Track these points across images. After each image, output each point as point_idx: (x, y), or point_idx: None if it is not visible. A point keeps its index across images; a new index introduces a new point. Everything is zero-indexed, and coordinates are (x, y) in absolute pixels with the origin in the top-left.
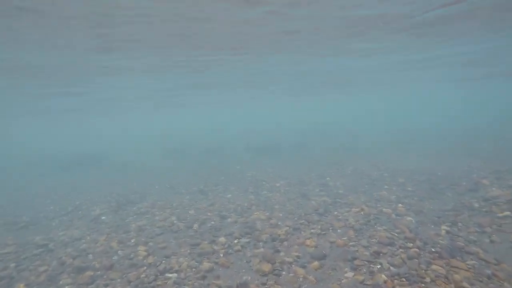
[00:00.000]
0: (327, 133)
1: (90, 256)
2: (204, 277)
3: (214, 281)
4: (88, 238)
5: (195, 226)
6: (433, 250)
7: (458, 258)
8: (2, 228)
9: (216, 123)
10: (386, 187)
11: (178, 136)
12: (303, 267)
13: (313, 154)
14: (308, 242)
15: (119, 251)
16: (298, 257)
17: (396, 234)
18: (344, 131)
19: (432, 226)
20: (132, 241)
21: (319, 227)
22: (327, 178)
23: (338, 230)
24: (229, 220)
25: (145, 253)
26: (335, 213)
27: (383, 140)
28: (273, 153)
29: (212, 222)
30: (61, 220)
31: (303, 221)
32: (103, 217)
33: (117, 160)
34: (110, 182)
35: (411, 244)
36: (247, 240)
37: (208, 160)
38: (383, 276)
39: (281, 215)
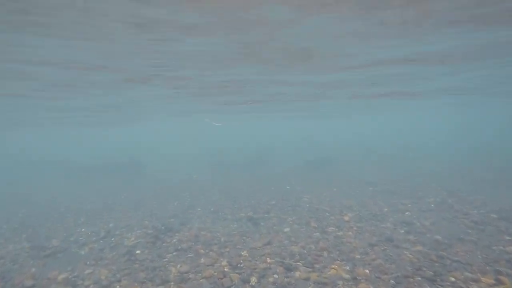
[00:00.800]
0: (385, 150)
1: None
2: None
3: None
4: (118, 287)
5: (253, 280)
6: None
7: None
8: (28, 254)
9: (255, 133)
10: (508, 238)
11: (216, 145)
12: None
13: (371, 175)
14: None
15: None
16: None
17: None
18: (400, 151)
19: None
20: None
21: None
22: (407, 213)
23: None
24: (297, 274)
25: None
26: (452, 279)
27: (453, 163)
28: (324, 168)
29: (275, 276)
30: (91, 248)
31: None
32: (138, 251)
33: (153, 171)
34: (145, 197)
35: None
36: None
37: (251, 173)
38: None
39: (367, 272)
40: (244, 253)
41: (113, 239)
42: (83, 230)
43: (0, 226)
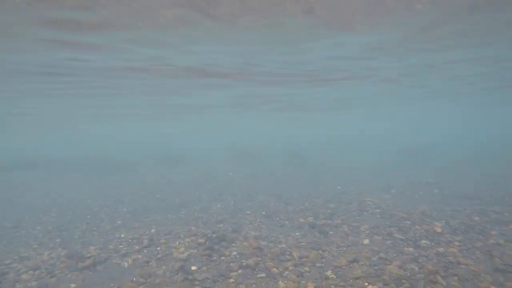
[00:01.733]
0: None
1: None
2: None
3: None
4: None
5: None
6: None
7: None
8: (65, 264)
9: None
10: None
11: (248, 141)
12: None
13: (425, 174)
14: None
15: None
16: None
17: None
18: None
19: None
20: None
21: None
22: None
23: None
24: None
25: None
26: None
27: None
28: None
29: None
30: (135, 260)
31: None
32: (194, 267)
33: (183, 167)
34: (183, 197)
35: None
36: None
37: (292, 172)
38: None
39: None
40: (329, 274)
41: (158, 248)
42: (122, 235)
43: (33, 228)
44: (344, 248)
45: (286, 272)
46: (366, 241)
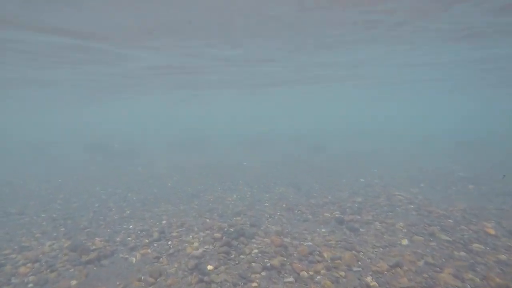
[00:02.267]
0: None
1: None
2: None
3: None
4: None
5: None
6: None
7: None
8: (67, 257)
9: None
10: None
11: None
12: None
13: (453, 165)
14: None
15: None
16: None
17: None
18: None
19: None
20: None
21: None
22: None
23: None
24: None
25: None
26: None
27: None
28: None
29: None
30: (144, 255)
31: None
32: (210, 267)
33: (198, 153)
34: (195, 187)
35: None
36: None
37: (307, 162)
38: None
39: None
40: (370, 281)
41: (170, 242)
42: (130, 227)
43: (38, 214)
44: (381, 249)
45: (318, 277)
46: (405, 242)
